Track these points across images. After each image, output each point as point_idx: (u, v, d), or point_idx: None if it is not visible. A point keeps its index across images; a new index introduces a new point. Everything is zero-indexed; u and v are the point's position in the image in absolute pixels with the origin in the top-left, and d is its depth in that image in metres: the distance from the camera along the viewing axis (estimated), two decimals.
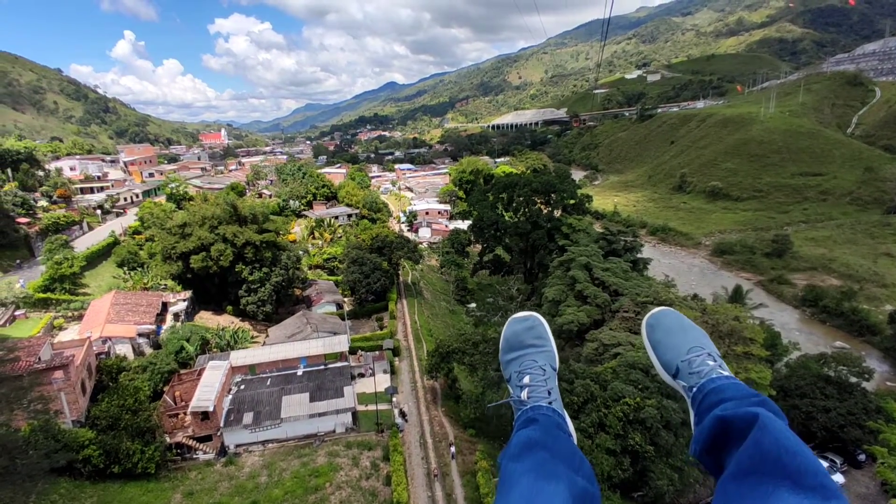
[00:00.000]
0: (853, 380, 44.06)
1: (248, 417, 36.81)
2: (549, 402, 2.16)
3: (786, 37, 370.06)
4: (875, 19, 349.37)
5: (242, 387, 40.37)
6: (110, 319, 47.29)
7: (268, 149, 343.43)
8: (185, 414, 36.32)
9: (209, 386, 37.33)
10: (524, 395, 2.19)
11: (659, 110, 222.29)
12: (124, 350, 45.26)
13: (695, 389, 2.06)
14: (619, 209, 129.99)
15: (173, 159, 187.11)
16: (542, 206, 72.02)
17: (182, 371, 42.35)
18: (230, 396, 38.75)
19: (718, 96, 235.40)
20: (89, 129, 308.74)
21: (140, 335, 46.88)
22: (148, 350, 46.94)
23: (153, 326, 48.65)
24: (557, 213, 72.19)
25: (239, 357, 43.36)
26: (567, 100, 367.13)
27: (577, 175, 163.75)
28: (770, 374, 38.79)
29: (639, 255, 62.33)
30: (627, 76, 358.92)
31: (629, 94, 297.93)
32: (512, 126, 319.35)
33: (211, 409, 35.18)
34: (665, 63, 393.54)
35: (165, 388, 39.59)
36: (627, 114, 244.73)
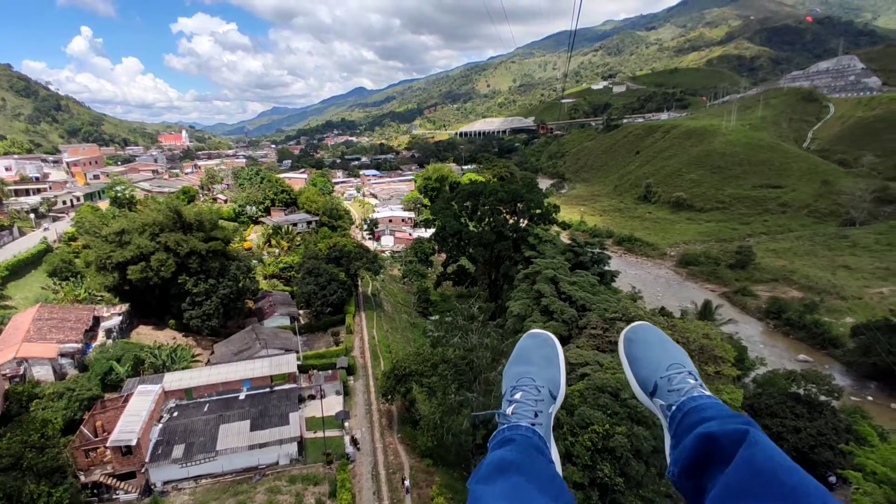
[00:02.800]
0: (823, 398, 43.03)
1: (178, 450, 32.84)
2: (532, 424, 1.95)
3: (744, 53, 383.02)
4: (827, 39, 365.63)
5: (175, 414, 36.31)
6: (29, 338, 42.46)
7: (231, 152, 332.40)
8: (104, 448, 32.10)
9: (135, 415, 33.23)
10: (510, 410, 2.02)
11: (624, 121, 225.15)
12: (43, 373, 40.52)
13: (674, 408, 1.90)
14: (585, 219, 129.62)
15: (128, 160, 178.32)
16: (508, 216, 69.90)
17: (107, 397, 37.99)
18: (160, 426, 34.67)
19: (681, 108, 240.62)
20: (39, 127, 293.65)
21: (63, 355, 42.14)
22: (72, 372, 42.25)
23: (79, 345, 43.92)
24: (523, 224, 70.19)
25: (174, 380, 39.24)
26: (535, 109, 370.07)
27: (544, 183, 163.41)
28: (742, 395, 37.22)
29: (606, 268, 60.73)
30: (594, 87, 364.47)
31: (595, 104, 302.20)
32: (480, 133, 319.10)
33: (134, 442, 31.11)
34: (630, 75, 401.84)
35: (86, 417, 35.14)
36: (594, 123, 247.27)
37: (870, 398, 57.16)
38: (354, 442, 36.99)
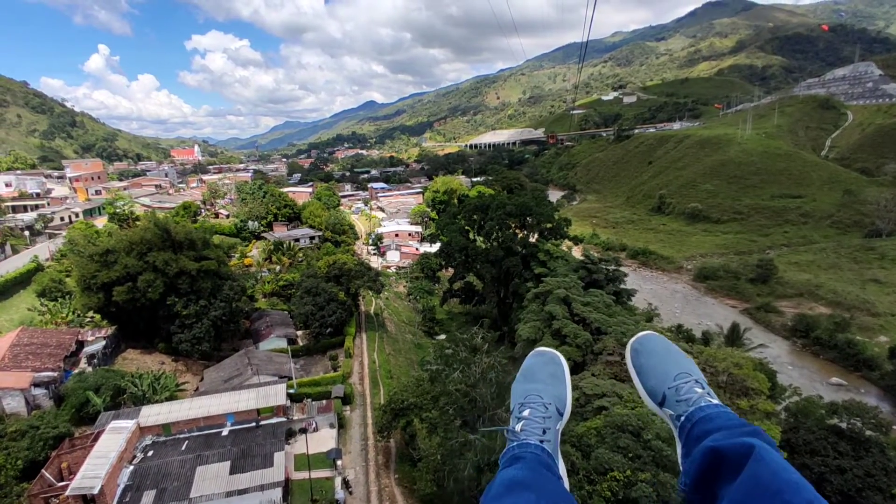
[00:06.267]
0: (869, 433, 38.69)
1: (148, 497, 29.48)
2: (541, 441, 1.98)
3: (755, 63, 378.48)
4: (840, 47, 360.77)
5: (150, 453, 33.03)
6: (3, 366, 39.62)
7: (241, 166, 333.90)
8: (65, 496, 28.84)
9: (102, 456, 30.01)
10: (519, 427, 2.05)
11: (635, 131, 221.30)
12: (14, 405, 37.56)
13: (683, 418, 1.93)
14: (597, 232, 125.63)
15: (138, 175, 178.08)
16: (517, 231, 66.40)
17: (79, 433, 34.85)
18: (131, 468, 31.38)
19: (693, 118, 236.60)
20: (54, 142, 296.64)
21: (37, 385, 39.20)
22: (47, 404, 39.26)
23: (56, 373, 40.99)
24: (533, 238, 66.67)
25: (151, 414, 36.00)
26: (544, 120, 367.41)
27: (555, 195, 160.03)
28: (779, 432, 33.18)
29: (622, 286, 56.92)
30: (604, 98, 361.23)
31: (606, 115, 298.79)
32: (489, 145, 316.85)
33: (97, 489, 27.83)
34: (640, 85, 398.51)
35: (51, 457, 31.96)
36: (604, 134, 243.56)
37: None
38: (346, 484, 33.44)
